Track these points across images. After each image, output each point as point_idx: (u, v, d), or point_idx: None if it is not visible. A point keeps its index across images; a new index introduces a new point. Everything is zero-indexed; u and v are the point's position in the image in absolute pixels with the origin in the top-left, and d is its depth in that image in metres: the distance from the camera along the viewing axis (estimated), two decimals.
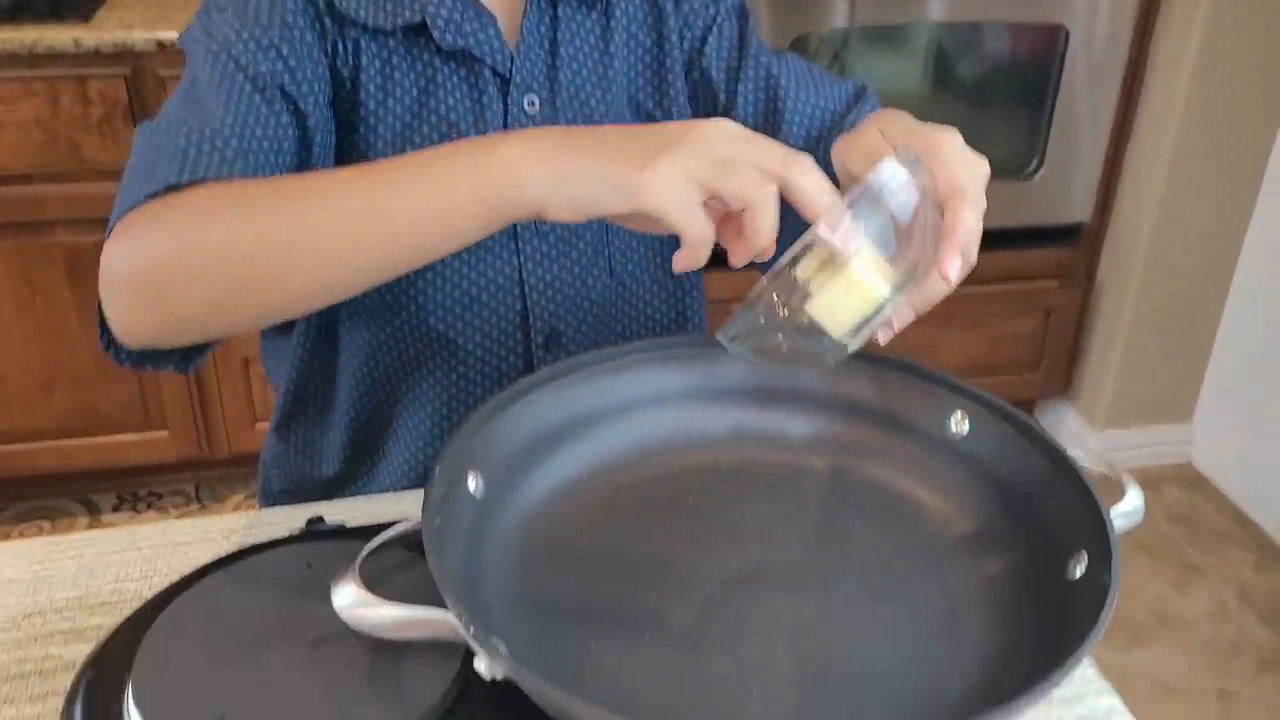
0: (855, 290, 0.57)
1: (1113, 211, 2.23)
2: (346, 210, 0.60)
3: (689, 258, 0.57)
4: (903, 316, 0.59)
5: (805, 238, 0.56)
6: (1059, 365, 2.36)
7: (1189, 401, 2.36)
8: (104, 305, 0.66)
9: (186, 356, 0.71)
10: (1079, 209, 2.19)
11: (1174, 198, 2.12)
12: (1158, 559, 2.13)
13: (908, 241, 0.58)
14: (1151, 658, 1.90)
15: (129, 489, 2.16)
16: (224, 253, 0.61)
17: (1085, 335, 2.35)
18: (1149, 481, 2.34)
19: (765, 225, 0.55)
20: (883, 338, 0.60)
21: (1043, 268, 2.24)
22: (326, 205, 0.60)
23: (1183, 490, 2.33)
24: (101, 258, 0.64)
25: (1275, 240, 2.14)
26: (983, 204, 0.58)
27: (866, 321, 0.58)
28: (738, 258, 0.59)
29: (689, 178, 0.55)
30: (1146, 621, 1.98)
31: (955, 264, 0.57)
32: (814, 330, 0.58)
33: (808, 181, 0.55)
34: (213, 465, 2.16)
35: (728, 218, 0.58)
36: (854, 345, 0.59)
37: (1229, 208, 2.16)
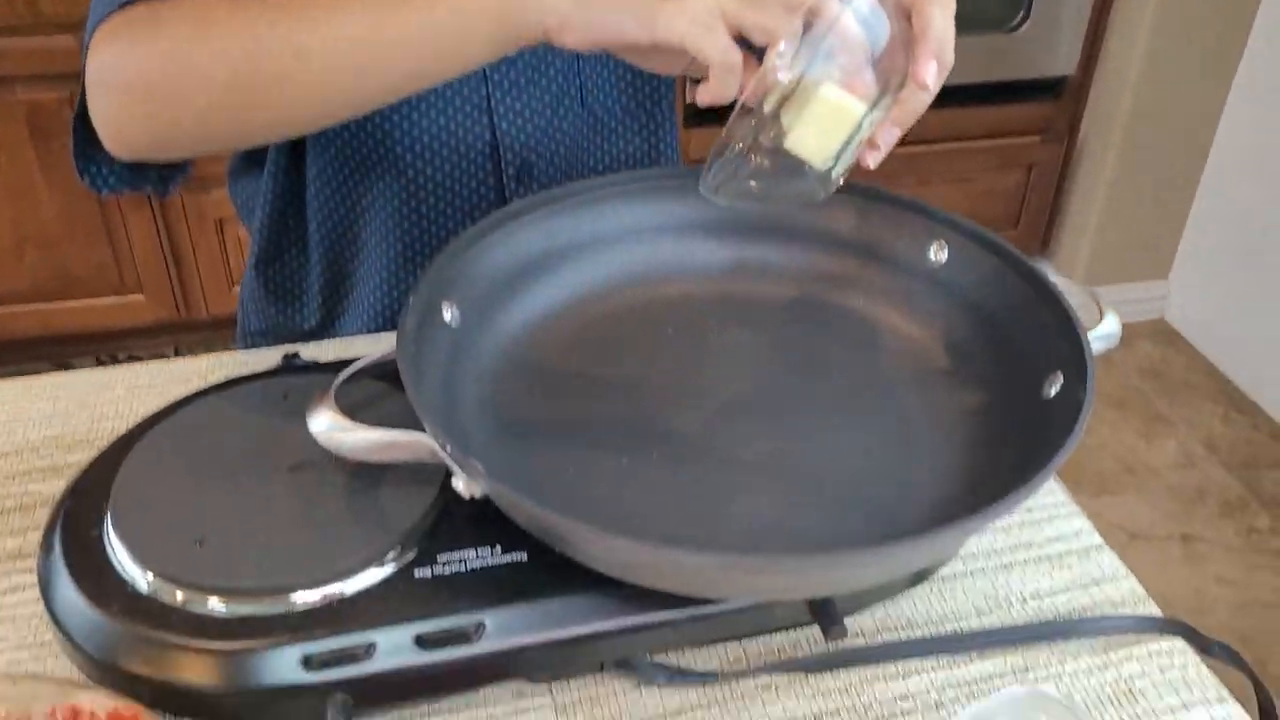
0: (831, 112, 0.55)
1: (1098, 65, 2.19)
2: (353, 22, 0.58)
3: (716, 87, 0.54)
4: (887, 136, 0.57)
5: (766, 69, 0.54)
6: (1038, 221, 2.36)
7: (1166, 258, 2.37)
8: (93, 114, 0.63)
9: (165, 177, 0.69)
10: (1064, 63, 2.15)
11: (1159, 52, 2.08)
12: (1128, 411, 2.17)
13: (885, 61, 0.56)
14: (1119, 505, 1.95)
15: (107, 352, 2.15)
16: (222, 58, 0.58)
17: (1066, 191, 2.34)
18: (1124, 338, 2.35)
19: None
20: (871, 160, 0.58)
21: (1026, 123, 2.21)
22: (332, 17, 0.58)
23: (1155, 345, 2.35)
24: (87, 64, 0.61)
25: (1258, 98, 2.11)
26: (952, 6, 0.56)
27: (848, 144, 0.57)
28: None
29: (713, 7, 0.53)
30: (1115, 471, 2.03)
31: (930, 68, 0.55)
32: (796, 165, 0.57)
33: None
34: (192, 328, 2.15)
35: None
36: (839, 172, 0.58)
37: (1214, 63, 2.13)
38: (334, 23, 0.58)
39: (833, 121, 0.56)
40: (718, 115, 0.69)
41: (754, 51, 0.55)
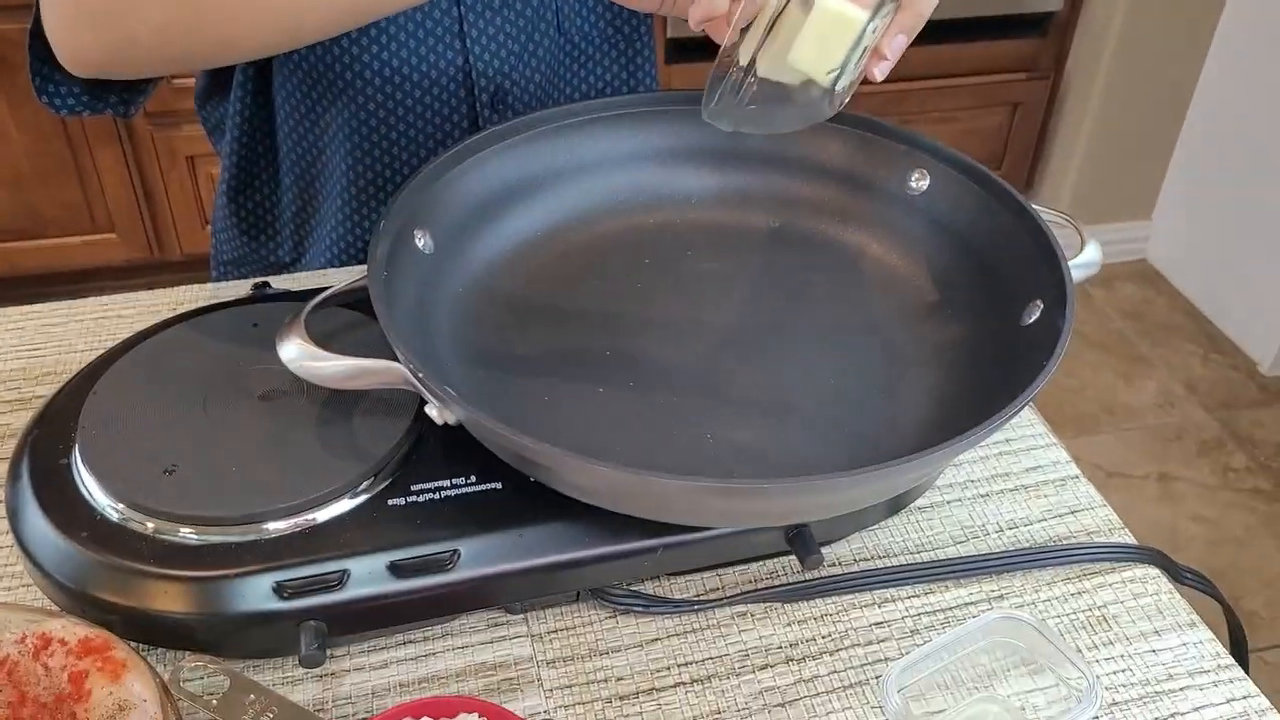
0: (832, 22, 0.53)
1: (1084, 2, 2.16)
2: None
3: (706, 4, 0.53)
4: (894, 45, 0.55)
5: None
6: (1022, 161, 2.34)
7: (1149, 198, 2.37)
8: (47, 29, 0.61)
9: (126, 99, 0.67)
10: None
11: None
12: (1109, 352, 2.18)
13: None
14: (1098, 444, 1.96)
15: (80, 293, 2.11)
16: None
17: (1050, 130, 2.33)
18: (1105, 279, 2.36)
19: None
20: (879, 72, 0.56)
21: (1011, 61, 2.19)
22: None
23: (1136, 286, 2.36)
24: None
25: (1243, 38, 2.09)
26: None
27: (851, 56, 0.54)
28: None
29: None
30: (1094, 411, 2.04)
31: None
32: (798, 85, 0.56)
33: None
34: (166, 268, 2.12)
35: None
36: (844, 86, 0.56)
37: (1199, 3, 2.10)
38: None
39: (834, 32, 0.53)
40: (701, 50, 0.67)
41: None
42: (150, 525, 0.51)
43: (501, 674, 0.54)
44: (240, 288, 0.74)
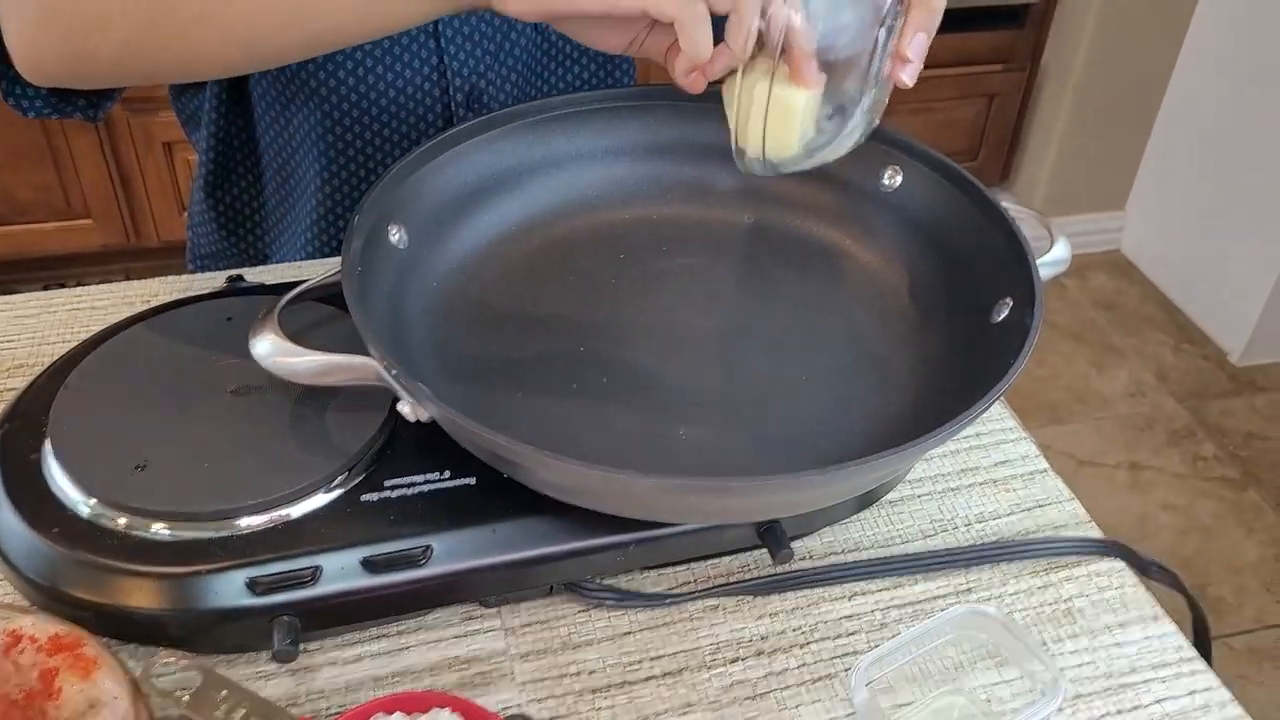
0: (775, 109, 0.54)
1: None
2: None
3: (690, 44, 0.52)
4: (915, 46, 0.54)
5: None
6: (998, 152, 2.36)
7: (1123, 189, 2.38)
8: (7, 39, 0.60)
9: (94, 103, 0.67)
10: None
11: None
12: (1082, 342, 2.20)
13: None
14: (1070, 433, 1.98)
15: (56, 280, 2.11)
16: None
17: (1026, 122, 2.34)
18: (1078, 269, 2.38)
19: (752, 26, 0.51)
20: (906, 76, 0.55)
21: (988, 52, 2.20)
22: None
23: (1109, 276, 2.38)
24: None
25: (1217, 31, 2.11)
26: None
27: (871, 64, 0.54)
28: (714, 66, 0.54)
29: None
30: (1067, 400, 2.06)
31: None
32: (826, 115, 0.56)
33: None
34: (143, 255, 2.10)
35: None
36: (869, 102, 0.56)
37: None
38: None
39: (780, 118, 0.55)
40: None
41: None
42: (122, 521, 0.52)
43: (475, 668, 0.54)
44: (215, 280, 0.74)
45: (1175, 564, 0.62)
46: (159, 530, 0.51)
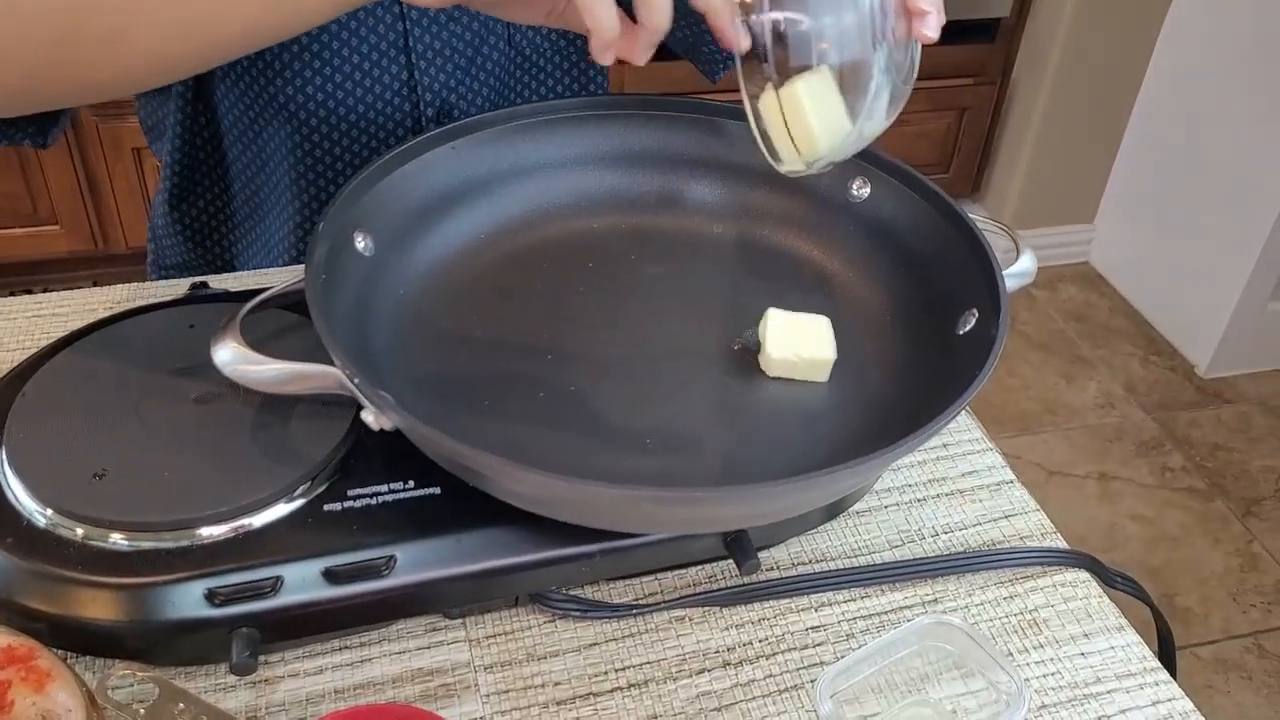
0: (789, 107, 0.54)
1: (1031, 7, 2.20)
2: None
3: (594, 28, 0.51)
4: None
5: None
6: (969, 164, 2.38)
7: (1092, 203, 2.41)
8: None
9: (42, 129, 0.66)
10: (998, 4, 2.16)
11: None
12: (1052, 353, 2.21)
13: None
14: (1040, 443, 2.00)
15: (23, 286, 2.08)
16: (45, 15, 0.53)
17: (997, 135, 2.36)
18: (1049, 281, 2.40)
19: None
20: (929, 30, 0.54)
21: (960, 66, 2.22)
22: None
23: (1079, 288, 2.40)
24: None
25: (1185, 46, 2.14)
26: None
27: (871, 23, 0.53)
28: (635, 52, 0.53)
29: None
30: (1037, 411, 2.07)
31: None
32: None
33: None
34: (111, 261, 2.08)
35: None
36: (902, 77, 0.55)
37: (1143, 10, 2.14)
38: None
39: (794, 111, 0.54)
40: (660, 49, 0.67)
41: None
42: (79, 530, 0.51)
43: (438, 679, 0.54)
44: (179, 287, 0.73)
45: (1143, 574, 0.63)
46: (117, 540, 0.51)
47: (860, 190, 0.67)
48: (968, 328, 0.58)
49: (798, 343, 0.60)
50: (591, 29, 0.51)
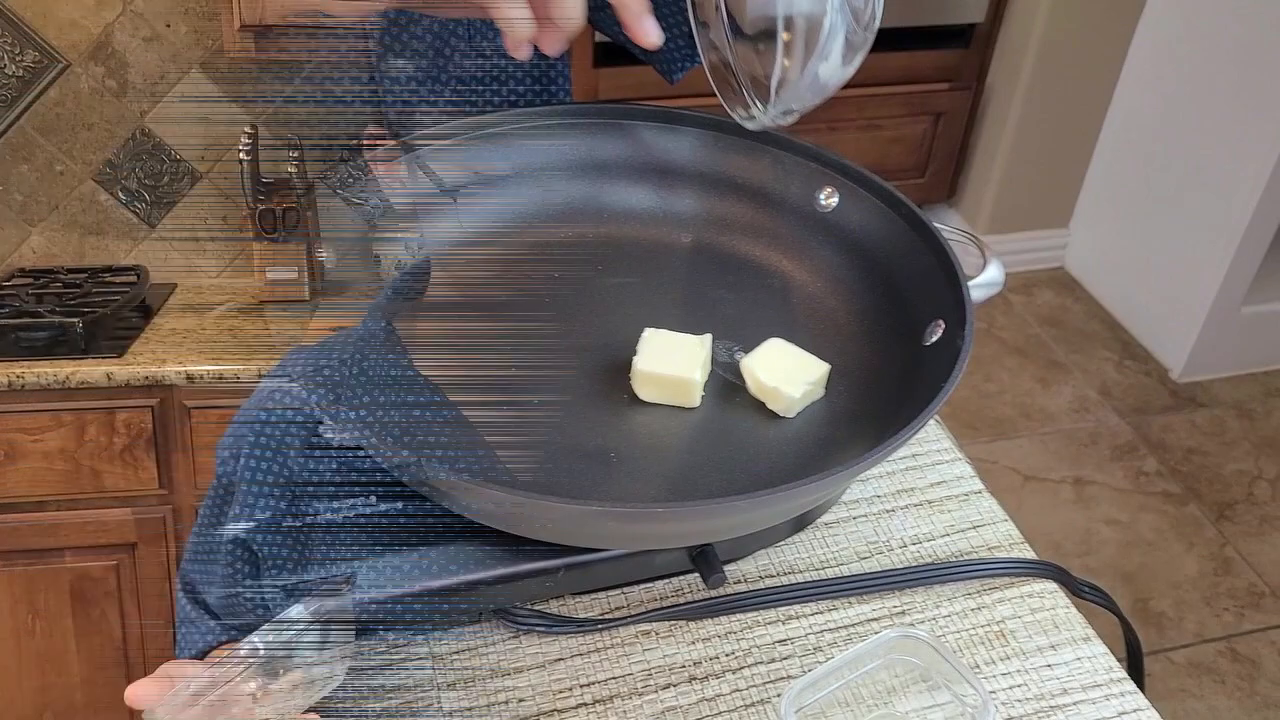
0: None
1: (1005, 12, 2.21)
2: None
3: (506, 30, 0.52)
4: None
5: None
6: (945, 169, 2.38)
7: (1067, 207, 2.42)
8: None
9: None
10: (973, 9, 2.17)
11: (1065, 2, 2.10)
12: (1027, 358, 2.22)
13: None
14: (1015, 449, 2.00)
15: None
16: None
17: (972, 140, 2.37)
18: (1024, 285, 2.41)
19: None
20: None
21: (935, 71, 2.23)
22: None
23: (1054, 293, 2.41)
24: None
25: (1159, 51, 2.15)
26: None
27: None
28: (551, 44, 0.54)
29: None
30: (1012, 416, 2.08)
31: None
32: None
33: None
34: None
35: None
36: (865, 4, 0.55)
37: (1117, 16, 2.16)
38: None
39: None
40: (629, 55, 0.67)
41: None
42: None
43: (400, 697, 0.53)
44: None
45: (1117, 578, 0.63)
46: None
47: (829, 199, 0.67)
48: (935, 338, 0.58)
49: (666, 362, 0.59)
50: (503, 29, 0.52)
